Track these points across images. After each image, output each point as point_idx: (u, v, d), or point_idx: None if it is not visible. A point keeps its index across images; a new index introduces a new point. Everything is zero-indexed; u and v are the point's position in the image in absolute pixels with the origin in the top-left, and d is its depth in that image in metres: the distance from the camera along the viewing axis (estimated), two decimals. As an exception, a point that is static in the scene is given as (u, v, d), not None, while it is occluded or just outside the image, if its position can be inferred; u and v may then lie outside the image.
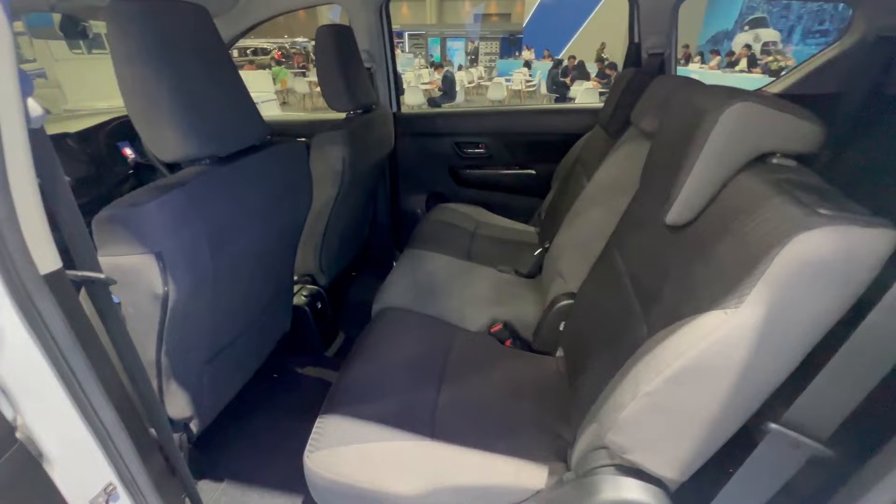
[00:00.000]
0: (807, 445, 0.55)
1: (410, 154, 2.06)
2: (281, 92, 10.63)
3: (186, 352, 0.85)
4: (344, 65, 1.39)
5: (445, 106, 8.36)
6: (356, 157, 1.42)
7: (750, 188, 0.59)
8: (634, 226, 0.89)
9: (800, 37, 12.08)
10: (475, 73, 12.75)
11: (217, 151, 0.79)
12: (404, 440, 0.85)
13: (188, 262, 0.73)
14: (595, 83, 8.61)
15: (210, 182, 0.76)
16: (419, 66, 13.08)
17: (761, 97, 0.59)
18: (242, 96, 0.85)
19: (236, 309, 0.97)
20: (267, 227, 0.95)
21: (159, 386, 0.84)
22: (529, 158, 1.98)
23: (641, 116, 1.06)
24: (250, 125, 0.87)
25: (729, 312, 0.52)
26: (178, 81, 0.71)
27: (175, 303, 0.73)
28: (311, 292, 1.51)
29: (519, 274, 1.51)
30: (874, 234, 0.46)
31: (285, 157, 0.99)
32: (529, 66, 11.97)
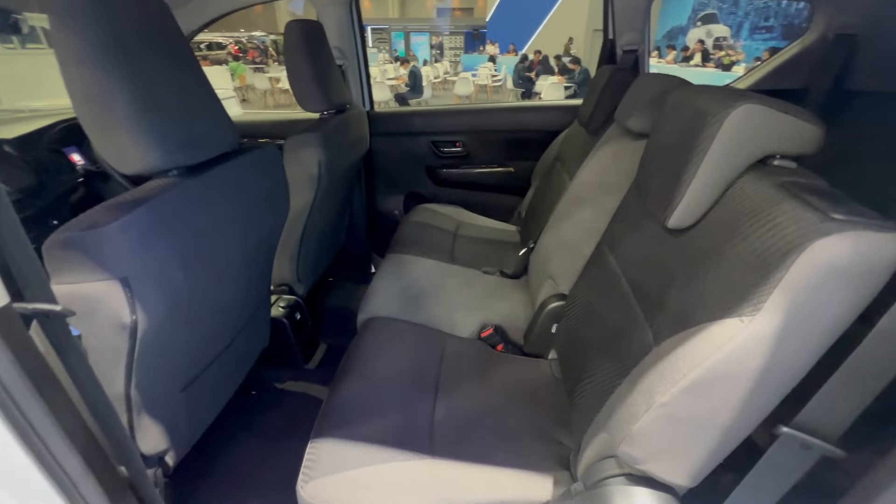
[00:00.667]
0: (818, 446, 0.56)
1: (386, 154, 2.00)
2: (240, 89, 10.20)
3: (159, 382, 0.77)
4: (315, 62, 1.31)
5: (413, 102, 8.26)
6: (332, 159, 1.35)
7: (756, 191, 0.58)
8: (629, 228, 0.88)
9: (748, 32, 12.72)
10: (441, 67, 12.68)
11: (186, 161, 0.71)
12: (404, 461, 0.81)
13: (159, 286, 0.65)
14: (559, 78, 8.74)
15: (180, 196, 0.68)
16: (383, 62, 12.88)
17: (763, 98, 0.58)
18: (211, 99, 0.77)
19: (213, 330, 0.90)
20: (244, 241, 0.88)
21: (129, 421, 0.76)
22: (508, 156, 1.97)
23: (627, 115, 1.05)
24: (222, 131, 0.79)
25: (745, 320, 0.51)
26: (136, 83, 0.63)
27: (145, 332, 0.65)
28: (288, 303, 1.43)
29: (504, 275, 1.49)
30: (888, 238, 0.45)
31: (260, 164, 0.92)
32: (494, 60, 12.01)
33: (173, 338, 0.74)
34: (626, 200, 0.95)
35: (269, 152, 0.96)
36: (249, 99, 10.40)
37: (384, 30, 16.27)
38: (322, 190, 1.35)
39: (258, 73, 10.97)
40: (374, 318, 1.21)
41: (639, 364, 0.67)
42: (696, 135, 0.61)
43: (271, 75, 10.39)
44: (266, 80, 10.16)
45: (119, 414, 0.72)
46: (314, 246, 1.50)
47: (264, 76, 10.36)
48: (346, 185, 1.73)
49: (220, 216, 0.78)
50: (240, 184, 0.85)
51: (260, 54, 14.28)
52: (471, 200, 2.04)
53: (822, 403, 0.54)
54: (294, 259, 1.41)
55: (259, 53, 14.28)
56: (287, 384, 1.44)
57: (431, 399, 0.96)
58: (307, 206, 1.34)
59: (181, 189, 0.69)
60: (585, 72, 8.28)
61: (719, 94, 0.63)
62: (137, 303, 0.62)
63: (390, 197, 2.10)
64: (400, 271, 1.42)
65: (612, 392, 0.73)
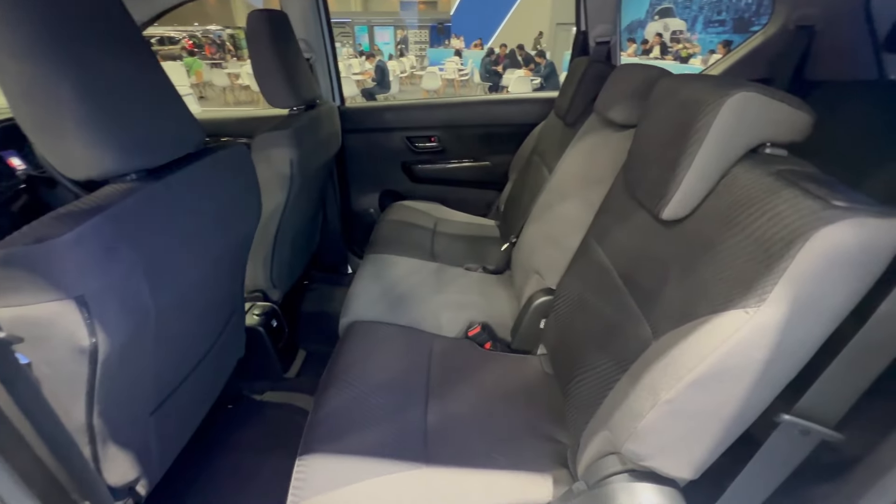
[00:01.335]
0: (817, 431, 0.56)
1: (359, 151, 1.93)
2: (197, 85, 9.74)
3: (125, 407, 0.70)
4: (283, 56, 1.24)
5: (381, 98, 8.12)
6: (304, 158, 1.28)
7: (752, 180, 0.57)
8: (617, 220, 0.87)
9: (702, 26, 13.24)
10: (407, 62, 12.52)
11: (146, 164, 0.64)
12: (399, 472, 0.77)
13: (121, 303, 0.59)
14: (526, 71, 8.80)
15: (141, 202, 0.62)
16: (348, 56, 12.58)
17: (757, 86, 0.57)
18: (171, 94, 0.70)
19: (185, 347, 0.83)
20: (215, 247, 0.81)
21: (94, 453, 0.68)
22: (484, 150, 1.94)
23: (609, 106, 1.04)
24: (184, 129, 0.72)
25: (750, 311, 0.51)
26: (84, 78, 0.56)
27: (107, 355, 0.59)
28: (263, 310, 1.36)
29: (487, 271, 1.47)
30: (889, 223, 0.45)
31: (229, 164, 0.85)
32: (460, 54, 11.98)
33: (140, 358, 0.67)
34: (613, 192, 0.94)
35: (237, 152, 0.89)
36: (208, 96, 9.94)
37: (347, 23, 15.90)
38: (295, 190, 1.28)
39: (216, 69, 10.49)
40: (357, 322, 1.16)
41: (638, 359, 0.66)
42: (691, 124, 0.60)
43: (230, 71, 9.96)
44: (225, 76, 9.73)
45: (81, 446, 0.65)
46: (288, 249, 1.43)
47: (222, 72, 9.91)
48: (319, 184, 1.66)
49: (187, 222, 0.71)
50: (207, 186, 0.78)
51: (217, 49, 13.65)
52: (448, 196, 2.00)
53: (822, 390, 0.54)
54: (267, 264, 1.34)
55: (216, 49, 13.65)
56: (266, 395, 1.37)
57: (422, 404, 0.92)
58: (279, 207, 1.27)
59: (142, 194, 0.62)
60: (551, 65, 8.38)
61: (711, 82, 0.62)
62: (97, 324, 0.56)
63: (365, 195, 2.03)
64: (380, 272, 1.37)
65: (611, 388, 0.71)
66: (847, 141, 1.39)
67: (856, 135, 1.33)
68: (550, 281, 1.12)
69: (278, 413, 1.32)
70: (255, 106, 8.93)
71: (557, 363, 0.99)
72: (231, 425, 1.26)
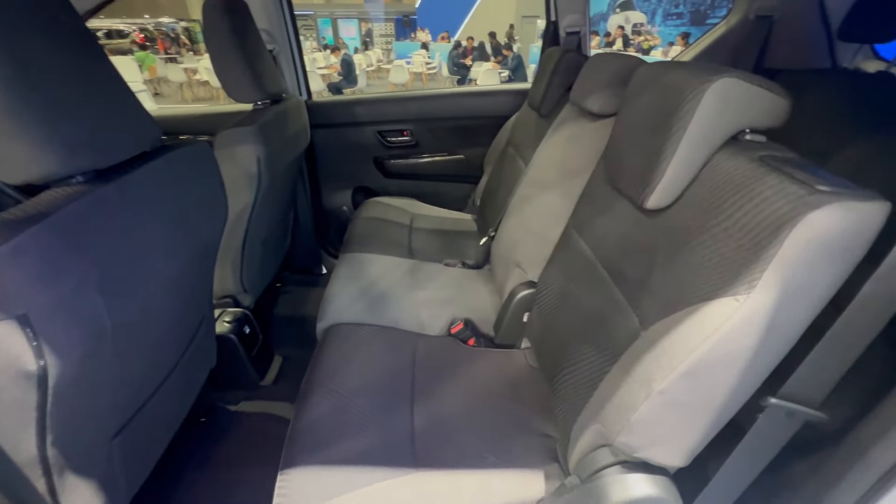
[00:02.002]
0: (802, 413, 0.57)
1: (329, 147, 1.86)
2: (150, 81, 9.22)
3: (84, 433, 0.64)
4: (244, 47, 1.17)
5: (348, 92, 7.93)
6: (272, 155, 1.22)
7: (735, 167, 0.57)
8: (599, 210, 0.86)
9: (661, 19, 13.64)
10: (373, 55, 12.29)
11: (94, 164, 0.58)
12: (387, 479, 0.74)
13: (72, 320, 0.53)
14: (494, 64, 8.80)
15: (90, 207, 0.55)
16: (312, 50, 12.24)
17: (738, 72, 0.57)
18: (121, 87, 0.64)
19: (149, 362, 0.76)
20: (178, 253, 0.75)
21: (50, 486, 0.62)
22: (458, 143, 1.91)
23: (585, 96, 1.04)
24: (137, 126, 0.66)
25: (740, 299, 0.50)
26: (16, 69, 0.50)
27: (59, 378, 0.53)
28: (235, 317, 1.29)
29: (467, 266, 1.45)
30: (872, 206, 0.46)
31: (190, 163, 0.79)
32: (427, 47, 11.86)
33: (98, 379, 0.61)
34: (592, 182, 0.94)
35: (198, 150, 0.83)
36: (163, 93, 9.43)
37: (309, 16, 15.43)
38: (263, 189, 1.22)
39: (171, 63, 9.96)
40: (336, 324, 1.12)
41: (628, 350, 0.65)
42: (674, 111, 0.59)
43: (187, 66, 9.48)
44: (181, 71, 9.25)
45: (34, 480, 0.59)
46: (258, 251, 1.36)
47: (178, 67, 9.42)
48: (289, 182, 1.59)
49: (145, 227, 0.65)
50: (167, 187, 0.72)
51: (171, 43, 12.95)
52: (423, 191, 1.97)
53: (806, 372, 0.55)
54: (237, 268, 1.27)
55: (170, 42, 12.94)
56: (242, 405, 1.31)
57: (408, 407, 0.90)
58: (247, 207, 1.20)
59: (91, 198, 0.56)
60: (518, 57, 8.41)
61: (691, 68, 0.62)
62: (44, 345, 0.50)
63: (337, 192, 1.97)
64: (357, 271, 1.33)
65: (600, 381, 0.71)
66: (804, 128, 1.45)
67: (812, 122, 1.38)
68: (532, 274, 1.11)
69: (256, 424, 1.26)
70: (216, 102, 8.56)
71: (543, 356, 0.98)
72: (205, 440, 1.20)
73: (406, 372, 0.99)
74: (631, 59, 0.94)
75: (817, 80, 1.35)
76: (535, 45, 10.15)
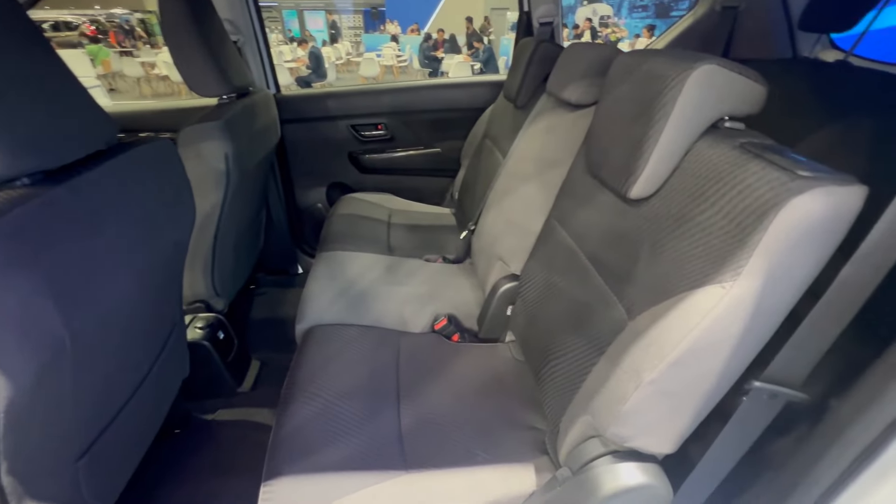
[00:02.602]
0: (784, 394, 0.58)
1: (300, 142, 1.80)
2: (105, 76, 8.73)
3: (44, 458, 0.59)
4: (205, 38, 1.10)
5: (318, 86, 7.74)
6: (241, 151, 1.16)
7: (716, 154, 0.57)
8: (580, 201, 0.86)
9: (627, 11, 13.90)
10: (342, 48, 12.02)
11: (41, 165, 0.53)
12: (377, 483, 0.72)
13: (24, 337, 0.48)
14: (465, 57, 8.76)
15: (39, 211, 0.51)
16: (278, 43, 11.85)
17: (717, 59, 0.57)
18: (68, 83, 0.59)
19: (115, 376, 0.71)
20: (143, 258, 0.70)
21: (8, 516, 0.57)
22: (434, 137, 1.89)
23: (562, 86, 1.03)
24: (90, 123, 0.61)
25: (726, 286, 0.51)
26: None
27: (11, 401, 0.48)
28: (207, 322, 1.24)
29: (447, 260, 1.44)
30: (851, 191, 0.47)
31: (151, 162, 0.74)
32: (397, 40, 11.70)
33: (56, 399, 0.56)
34: (573, 173, 0.93)
35: (160, 147, 0.78)
36: (119, 88, 8.95)
37: (273, 7, 14.93)
38: (232, 188, 1.16)
39: (126, 57, 9.45)
40: (316, 326, 1.08)
41: (616, 341, 0.65)
42: (656, 99, 0.59)
43: (144, 60, 9.02)
44: (138, 65, 8.79)
45: None
46: (230, 253, 1.31)
47: (135, 61, 8.95)
48: (260, 180, 1.53)
49: (103, 231, 0.60)
50: (126, 188, 0.67)
51: (124, 36, 12.26)
52: (399, 186, 1.94)
53: (789, 354, 0.56)
54: (208, 271, 1.21)
55: (123, 35, 12.25)
56: (219, 414, 1.26)
57: (395, 408, 0.88)
58: (216, 207, 1.15)
59: (39, 202, 0.51)
60: (489, 50, 8.40)
61: (671, 56, 0.61)
62: (-7, 365, 0.45)
63: (311, 189, 1.91)
64: (335, 270, 1.29)
65: (588, 372, 0.71)
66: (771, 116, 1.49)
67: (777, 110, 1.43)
68: (514, 267, 1.10)
69: (235, 432, 1.21)
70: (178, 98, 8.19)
71: (528, 349, 0.97)
72: (182, 453, 1.14)
73: (390, 371, 0.97)
74: (607, 49, 0.94)
75: (781, 70, 1.39)
76: (505, 37, 10.16)
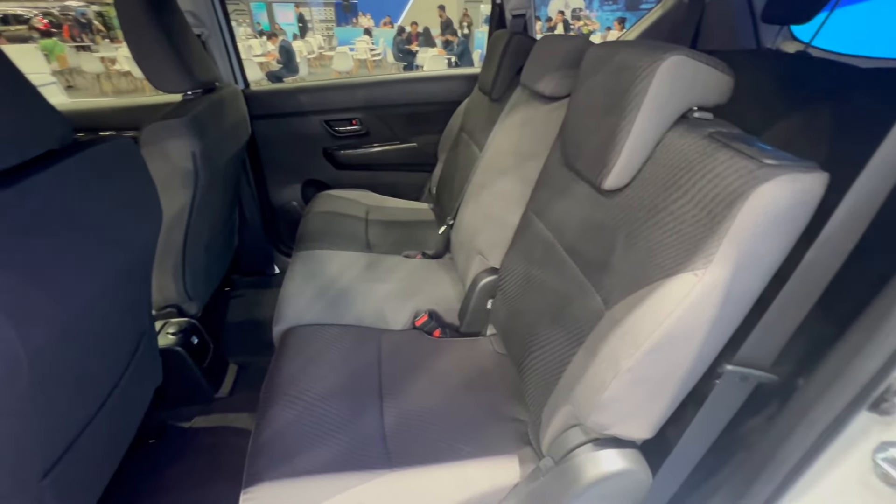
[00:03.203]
0: (755, 376, 0.60)
1: (272, 139, 1.76)
2: (62, 73, 8.29)
3: (4, 480, 0.56)
4: (166, 30, 1.06)
5: (289, 81, 7.55)
6: (209, 149, 1.12)
7: (687, 144, 0.58)
8: (556, 193, 0.87)
9: (598, 4, 14.06)
10: (314, 42, 11.75)
11: None
12: (361, 483, 0.72)
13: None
14: (440, 50, 8.70)
15: (-14, 218, 0.47)
16: (246, 37, 11.48)
17: (686, 50, 0.58)
18: (12, 79, 0.55)
19: (80, 390, 0.68)
20: (105, 263, 0.67)
21: (-34, 543, 0.54)
22: (409, 131, 1.87)
23: (536, 78, 1.03)
24: (39, 122, 0.57)
25: (699, 273, 0.52)
26: None
27: None
28: (180, 327, 1.20)
29: (427, 256, 1.43)
30: (814, 178, 0.48)
31: (111, 162, 0.70)
32: (370, 33, 11.51)
33: (15, 419, 0.53)
34: (549, 165, 0.94)
35: (120, 147, 0.74)
36: (78, 85, 8.51)
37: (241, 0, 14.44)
38: (202, 187, 1.12)
39: (84, 52, 8.98)
40: (294, 327, 1.06)
41: (594, 331, 0.66)
42: (627, 90, 0.60)
43: (104, 55, 8.60)
44: (97, 61, 8.37)
45: None
46: (202, 255, 1.26)
47: (93, 56, 8.52)
48: (231, 178, 1.48)
49: (59, 236, 0.57)
50: (83, 191, 0.63)
51: (80, 30, 11.64)
52: (376, 182, 1.91)
53: (758, 337, 0.58)
54: (178, 274, 1.17)
55: (79, 29, 11.63)
56: (196, 421, 1.22)
57: (377, 406, 0.87)
58: (185, 208, 1.11)
59: None
60: (464, 42, 8.37)
61: (641, 47, 0.62)
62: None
63: (286, 187, 1.87)
64: (313, 270, 1.27)
65: (568, 363, 0.72)
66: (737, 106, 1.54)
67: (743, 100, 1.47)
68: (494, 260, 1.10)
69: (213, 439, 1.18)
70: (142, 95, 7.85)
71: (509, 342, 0.98)
72: (158, 463, 1.11)
73: (372, 370, 0.96)
74: (580, 41, 0.94)
75: (745, 61, 1.43)
76: (479, 30, 10.13)
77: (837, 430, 0.53)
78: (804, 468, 0.55)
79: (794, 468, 0.56)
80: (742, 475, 0.63)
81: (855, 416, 0.51)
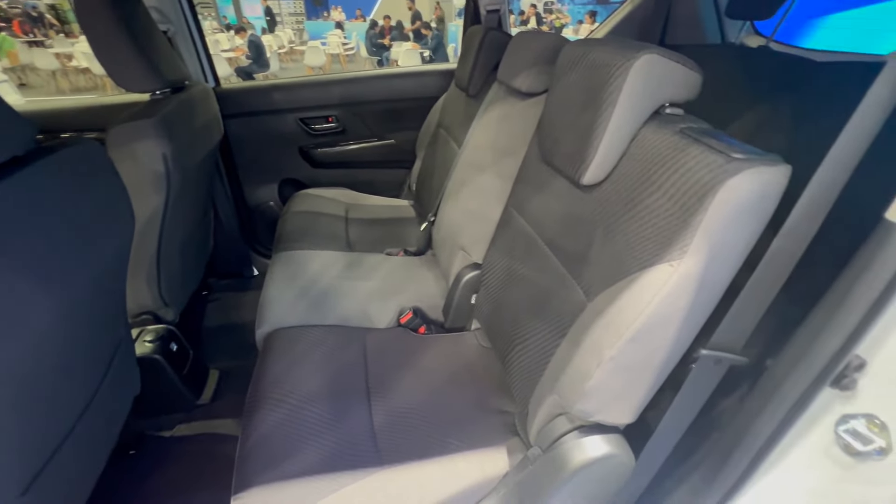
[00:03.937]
0: (727, 359, 0.64)
1: (246, 138, 1.71)
2: (13, 70, 7.84)
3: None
4: (129, 27, 1.02)
5: (260, 77, 7.35)
6: (181, 150, 1.09)
7: (660, 140, 0.61)
8: (536, 189, 0.88)
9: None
10: (284, 36, 11.45)
11: None
12: (353, 482, 0.72)
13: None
14: (413, 45, 8.62)
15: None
16: (213, 31, 11.10)
17: (657, 48, 0.60)
18: None
19: (53, 405, 0.66)
20: (75, 272, 0.65)
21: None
22: (387, 127, 1.85)
23: (513, 74, 1.04)
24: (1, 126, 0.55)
25: (674, 264, 0.54)
26: None
27: None
28: (157, 334, 1.16)
29: (409, 253, 1.43)
30: (778, 170, 0.51)
31: (77, 166, 0.67)
32: (342, 27, 11.30)
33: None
34: (527, 161, 0.95)
35: (87, 150, 0.71)
36: (32, 83, 8.06)
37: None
38: (174, 190, 1.09)
39: (37, 48, 8.49)
40: (277, 329, 1.05)
41: (576, 322, 0.68)
42: (603, 87, 0.61)
43: (59, 51, 8.16)
44: (52, 57, 7.93)
45: None
46: (177, 259, 1.23)
47: (48, 52, 8.06)
48: (204, 179, 1.44)
49: (23, 247, 0.55)
50: (48, 197, 0.61)
51: (31, 24, 10.99)
52: (355, 179, 1.89)
53: (729, 323, 0.61)
54: (153, 280, 1.14)
55: (31, 23, 10.98)
56: (178, 429, 1.19)
57: (366, 405, 0.87)
58: (158, 211, 1.07)
59: None
60: (438, 37, 8.32)
61: (614, 45, 0.64)
62: None
63: (261, 187, 1.83)
64: (294, 271, 1.25)
65: (552, 354, 0.74)
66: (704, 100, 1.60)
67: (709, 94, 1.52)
68: (476, 256, 1.11)
69: (197, 447, 1.16)
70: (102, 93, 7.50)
71: (494, 335, 1.00)
72: (140, 473, 1.08)
73: (358, 369, 0.96)
74: (554, 38, 0.96)
75: (711, 55, 1.48)
76: (452, 23, 10.09)
77: (803, 406, 0.57)
78: (774, 443, 0.59)
79: (765, 444, 0.59)
80: (718, 453, 0.66)
81: (818, 393, 0.54)
